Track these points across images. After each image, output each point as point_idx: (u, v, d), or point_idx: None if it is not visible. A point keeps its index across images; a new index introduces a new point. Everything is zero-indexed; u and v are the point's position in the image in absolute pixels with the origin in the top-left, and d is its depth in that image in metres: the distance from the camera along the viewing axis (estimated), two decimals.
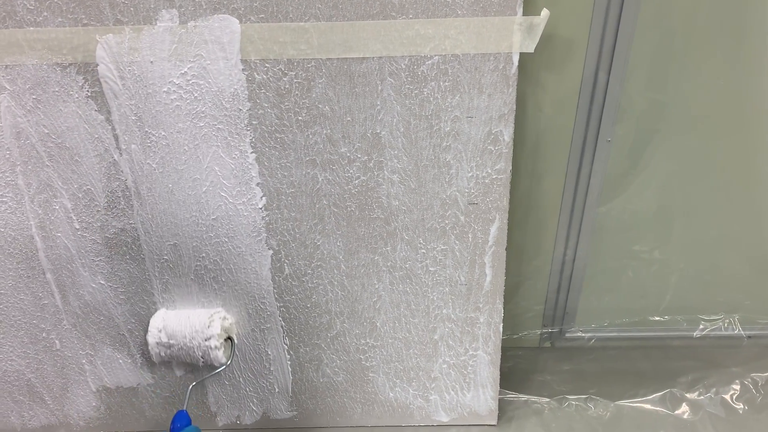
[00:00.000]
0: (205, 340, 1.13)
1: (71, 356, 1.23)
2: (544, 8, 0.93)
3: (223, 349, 1.15)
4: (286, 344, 1.21)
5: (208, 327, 1.13)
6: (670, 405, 1.33)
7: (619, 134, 1.15)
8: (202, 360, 1.15)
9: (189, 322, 1.14)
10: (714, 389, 1.35)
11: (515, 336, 1.44)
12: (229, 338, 1.19)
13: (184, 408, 1.11)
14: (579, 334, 1.44)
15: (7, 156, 1.02)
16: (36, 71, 0.95)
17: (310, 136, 1.01)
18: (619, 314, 1.42)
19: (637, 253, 1.32)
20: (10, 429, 1.33)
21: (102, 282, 1.14)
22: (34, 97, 0.97)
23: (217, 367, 1.18)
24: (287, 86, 0.97)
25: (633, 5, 1.02)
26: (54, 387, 1.27)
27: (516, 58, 0.95)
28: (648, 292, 1.38)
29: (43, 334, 1.21)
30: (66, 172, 1.04)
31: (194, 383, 1.18)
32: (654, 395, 1.35)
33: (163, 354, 1.16)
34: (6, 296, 1.16)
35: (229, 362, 1.19)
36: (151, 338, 1.15)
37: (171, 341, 1.14)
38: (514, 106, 0.99)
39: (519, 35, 0.94)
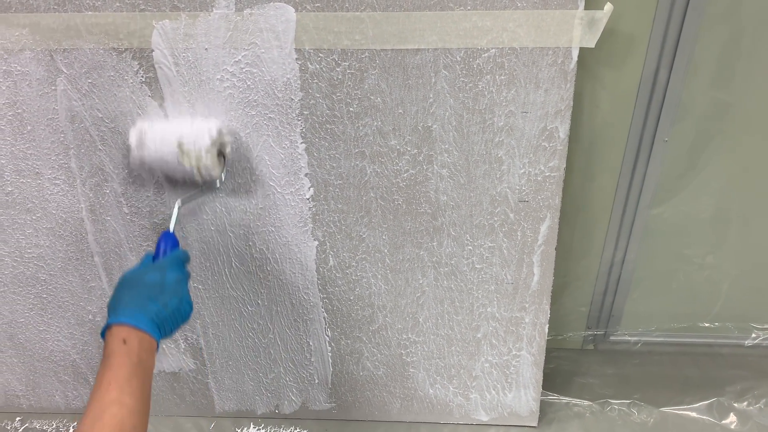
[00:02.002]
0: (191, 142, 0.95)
1: None
2: (608, 2, 0.90)
3: (214, 162, 0.97)
4: (328, 336, 1.21)
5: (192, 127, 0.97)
6: (718, 414, 1.29)
7: (677, 134, 1.12)
8: (183, 170, 0.97)
9: (171, 126, 0.98)
10: (764, 400, 1.31)
11: (559, 337, 1.41)
12: (222, 154, 1.00)
13: (171, 230, 0.95)
14: (624, 337, 1.41)
15: (62, 139, 1.03)
16: (92, 55, 0.96)
17: (361, 128, 1.00)
18: (668, 319, 1.38)
19: (690, 258, 1.28)
20: (54, 408, 1.36)
21: None
22: (89, 81, 0.98)
23: (208, 184, 1.02)
24: (340, 77, 0.96)
25: (700, 0, 0.98)
26: (98, 369, 1.29)
27: (575, 53, 0.93)
28: (699, 298, 1.34)
29: (90, 317, 1.22)
30: (117, 156, 1.04)
31: (181, 200, 1.01)
32: (701, 403, 1.31)
33: (138, 160, 0.99)
34: (55, 278, 1.18)
35: (220, 181, 1.02)
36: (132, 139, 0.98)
37: (150, 146, 0.97)
38: (571, 102, 0.96)
39: (580, 29, 0.91)
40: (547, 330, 1.16)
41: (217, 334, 1.22)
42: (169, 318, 0.82)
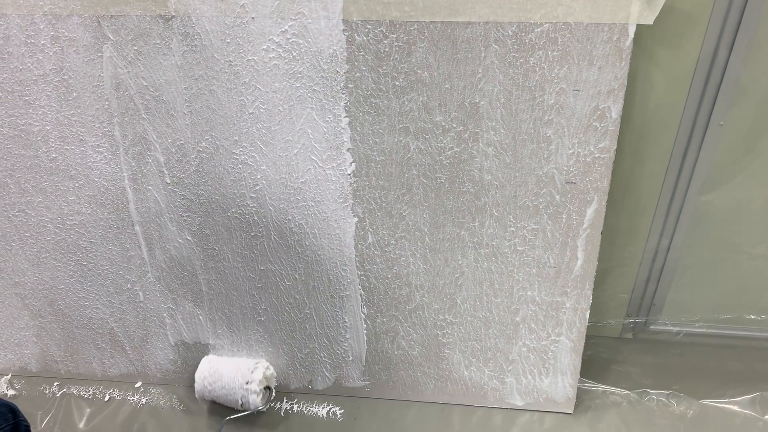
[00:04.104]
0: (246, 383, 1.23)
1: (153, 309, 1.25)
2: None
3: (261, 395, 1.24)
4: (364, 313, 1.20)
5: (251, 372, 1.23)
6: (760, 409, 1.25)
7: (733, 118, 1.07)
8: (240, 403, 1.23)
9: (234, 365, 1.25)
10: None
11: (598, 324, 1.38)
12: (268, 387, 1.28)
13: None
14: (666, 327, 1.37)
15: (106, 107, 1.03)
16: (139, 22, 0.95)
17: (406, 103, 0.98)
18: (712, 310, 1.34)
19: (739, 247, 1.23)
20: (91, 374, 1.38)
21: (188, 238, 1.15)
22: (135, 48, 0.97)
23: (253, 411, 1.26)
24: (387, 49, 0.94)
25: None
26: (135, 337, 1.30)
27: (632, 30, 0.89)
28: (746, 289, 1.29)
29: (128, 285, 1.23)
30: (161, 126, 1.04)
31: (229, 417, 1.25)
32: (743, 397, 1.27)
33: (206, 395, 1.26)
34: (95, 245, 1.19)
35: (264, 408, 1.26)
36: (198, 378, 1.25)
37: (215, 383, 1.24)
38: (626, 82, 0.93)
39: (638, 5, 0.87)
40: (588, 316, 1.14)
41: None
42: None
